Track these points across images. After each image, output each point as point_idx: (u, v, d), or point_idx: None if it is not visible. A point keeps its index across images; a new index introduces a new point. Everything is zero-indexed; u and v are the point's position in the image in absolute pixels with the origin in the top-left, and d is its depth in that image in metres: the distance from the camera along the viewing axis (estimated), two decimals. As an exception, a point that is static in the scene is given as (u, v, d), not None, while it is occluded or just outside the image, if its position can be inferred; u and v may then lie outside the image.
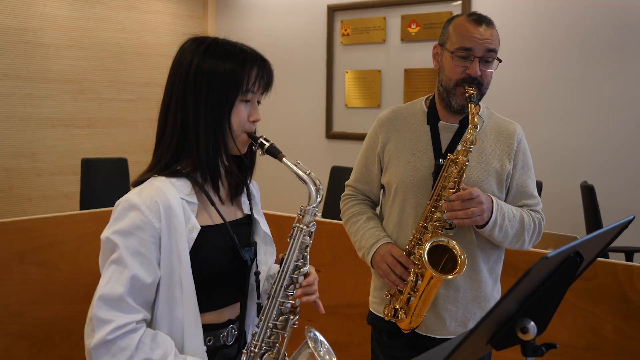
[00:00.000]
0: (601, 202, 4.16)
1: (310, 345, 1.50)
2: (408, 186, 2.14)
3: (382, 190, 2.32)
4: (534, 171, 2.23)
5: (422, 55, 5.45)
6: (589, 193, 4.11)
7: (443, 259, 2.07)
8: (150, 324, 1.54)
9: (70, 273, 3.66)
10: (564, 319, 2.90)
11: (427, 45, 5.36)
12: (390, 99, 5.66)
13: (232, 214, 1.69)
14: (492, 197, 2.06)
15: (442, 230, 2.04)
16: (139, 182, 1.58)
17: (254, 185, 1.81)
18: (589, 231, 4.19)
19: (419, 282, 2.03)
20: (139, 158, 5.97)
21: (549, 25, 4.84)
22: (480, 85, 2.06)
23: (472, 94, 2.02)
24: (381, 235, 2.18)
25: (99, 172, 5.11)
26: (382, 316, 2.21)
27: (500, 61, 2.10)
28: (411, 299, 2.07)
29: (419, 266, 2.04)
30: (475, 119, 2.00)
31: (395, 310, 2.12)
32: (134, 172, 4.05)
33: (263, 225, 1.76)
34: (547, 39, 4.86)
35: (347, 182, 2.37)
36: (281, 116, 6.26)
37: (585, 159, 4.72)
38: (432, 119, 2.17)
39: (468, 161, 2.01)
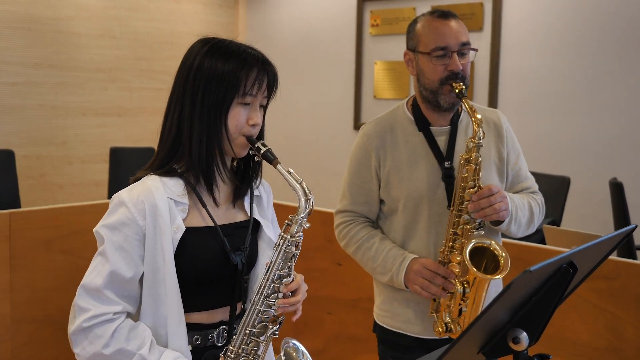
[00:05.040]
0: (630, 200, 4.07)
1: (283, 359, 1.49)
2: (418, 198, 2.09)
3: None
4: (522, 152, 2.25)
5: (452, 47, 5.37)
6: (617, 190, 4.03)
7: (483, 262, 2.02)
8: (136, 317, 1.57)
9: (95, 261, 3.71)
10: (585, 319, 2.85)
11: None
12: (419, 91, 5.60)
13: (231, 216, 1.67)
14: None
15: (472, 232, 2.00)
16: (137, 178, 1.61)
17: (264, 187, 1.78)
18: (617, 229, 4.10)
19: (467, 290, 1.99)
20: (168, 147, 6.01)
21: (579, 19, 4.74)
22: (463, 79, 2.04)
23: (462, 89, 2.01)
24: (406, 253, 2.10)
25: (127, 161, 5.18)
26: (394, 330, 2.17)
27: (476, 50, 2.09)
28: (463, 309, 2.01)
29: (460, 273, 2.00)
30: (475, 113, 1.99)
31: (447, 324, 2.05)
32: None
33: (267, 230, 1.72)
34: (577, 33, 4.75)
35: (338, 209, 2.24)
36: (309, 107, 6.26)
37: (614, 155, 4.62)
38: (423, 125, 2.13)
39: (480, 156, 1.99)
